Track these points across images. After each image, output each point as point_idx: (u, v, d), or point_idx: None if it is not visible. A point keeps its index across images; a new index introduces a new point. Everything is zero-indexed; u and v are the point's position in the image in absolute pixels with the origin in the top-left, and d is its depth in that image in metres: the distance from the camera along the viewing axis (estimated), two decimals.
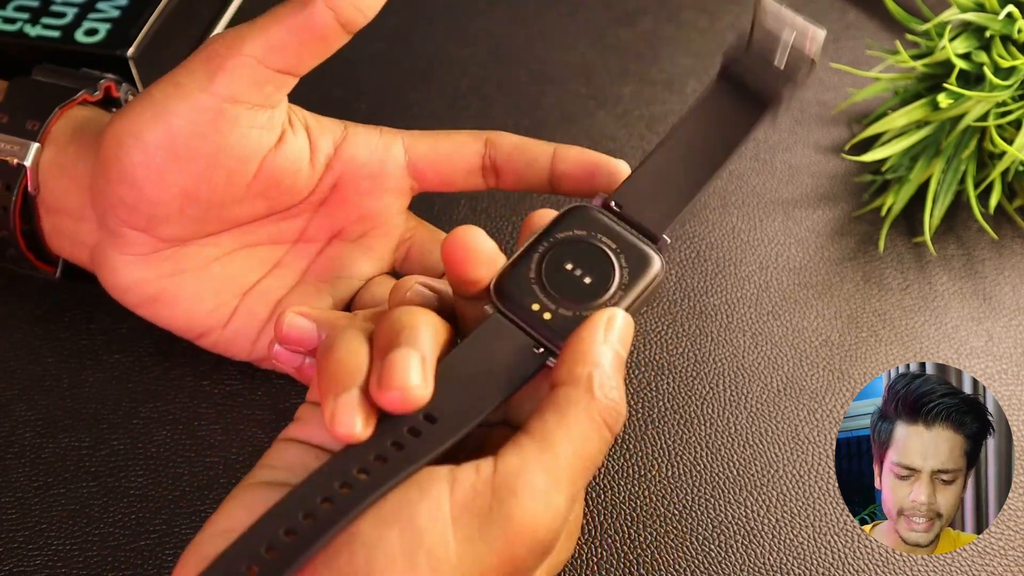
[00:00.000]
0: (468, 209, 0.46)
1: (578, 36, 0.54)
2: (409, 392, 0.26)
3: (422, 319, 0.29)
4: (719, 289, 0.43)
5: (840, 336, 0.41)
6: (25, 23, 0.47)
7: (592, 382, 0.27)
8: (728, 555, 0.35)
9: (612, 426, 0.28)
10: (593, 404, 0.27)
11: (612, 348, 0.28)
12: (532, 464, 0.26)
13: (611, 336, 0.29)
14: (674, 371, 0.40)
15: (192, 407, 0.39)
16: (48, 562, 0.34)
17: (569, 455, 0.26)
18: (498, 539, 0.25)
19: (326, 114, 0.38)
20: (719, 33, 0.55)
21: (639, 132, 0.50)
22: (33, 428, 0.38)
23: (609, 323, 0.29)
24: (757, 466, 0.37)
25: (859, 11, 0.56)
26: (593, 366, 0.28)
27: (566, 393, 0.27)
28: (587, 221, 0.32)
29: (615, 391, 0.28)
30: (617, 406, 0.28)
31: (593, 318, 0.29)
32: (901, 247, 0.45)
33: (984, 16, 0.43)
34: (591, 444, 0.27)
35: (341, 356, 0.28)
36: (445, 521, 0.25)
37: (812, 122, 0.50)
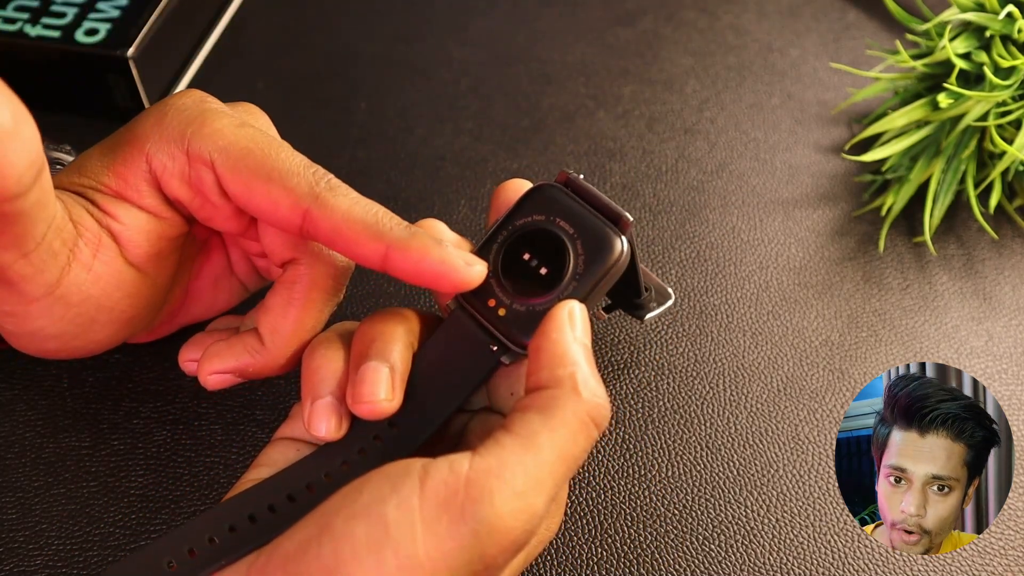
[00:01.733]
0: (467, 208, 0.46)
1: (578, 36, 0.54)
2: (377, 406, 0.29)
3: (392, 328, 0.31)
4: (719, 289, 0.43)
5: (840, 336, 0.41)
6: (25, 23, 0.47)
7: (576, 382, 0.27)
8: (728, 555, 0.35)
9: (600, 424, 0.28)
10: (581, 404, 0.27)
11: (581, 343, 0.28)
12: (513, 464, 0.26)
13: (576, 331, 0.29)
14: (674, 371, 0.40)
15: (192, 407, 0.39)
16: (48, 562, 0.34)
17: (554, 458, 0.26)
18: (468, 537, 0.24)
19: (326, 113, 0.38)
20: (719, 33, 0.55)
21: (639, 132, 0.50)
22: (33, 428, 0.38)
23: (571, 318, 0.29)
24: (757, 466, 0.37)
25: (859, 11, 0.56)
26: (573, 366, 0.28)
27: (552, 395, 0.27)
28: (548, 204, 0.31)
29: (599, 387, 0.28)
30: (603, 403, 0.28)
31: (554, 314, 0.29)
32: (901, 247, 0.45)
33: (984, 16, 0.43)
34: (578, 445, 0.27)
35: (318, 364, 0.31)
36: (414, 516, 0.25)
37: (812, 122, 0.50)
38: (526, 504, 0.25)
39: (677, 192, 0.47)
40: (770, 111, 0.51)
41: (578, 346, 0.28)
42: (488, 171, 0.47)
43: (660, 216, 0.46)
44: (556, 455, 0.26)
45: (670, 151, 0.49)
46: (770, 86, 0.52)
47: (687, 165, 0.48)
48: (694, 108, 0.51)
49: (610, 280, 0.31)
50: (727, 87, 0.52)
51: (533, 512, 0.26)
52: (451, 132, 0.49)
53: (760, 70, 0.53)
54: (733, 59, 0.53)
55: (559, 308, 0.29)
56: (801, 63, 0.53)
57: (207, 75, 0.52)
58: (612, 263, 0.30)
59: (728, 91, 0.52)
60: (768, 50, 0.54)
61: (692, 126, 0.50)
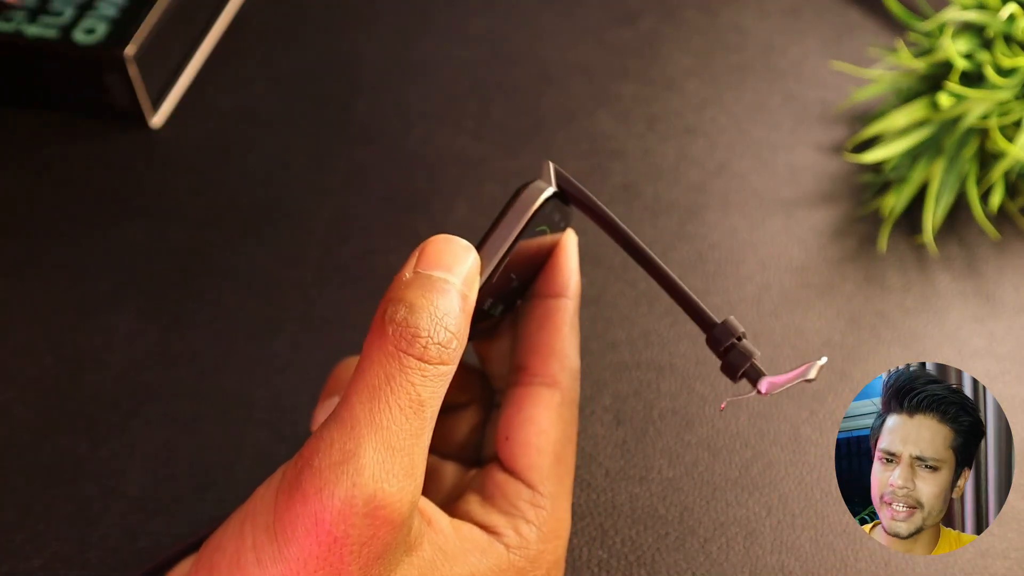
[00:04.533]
0: (467, 208, 0.46)
1: (578, 36, 0.54)
2: None
3: None
4: (720, 289, 0.43)
5: (841, 336, 0.41)
6: (23, 22, 0.47)
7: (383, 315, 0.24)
8: (729, 556, 0.35)
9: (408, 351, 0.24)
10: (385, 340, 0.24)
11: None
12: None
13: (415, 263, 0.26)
14: (674, 371, 0.40)
15: (191, 408, 0.38)
16: (48, 563, 0.34)
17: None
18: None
19: (326, 113, 0.38)
20: (720, 32, 0.55)
21: (639, 132, 0.49)
22: (32, 429, 0.38)
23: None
24: (758, 467, 0.37)
25: (859, 11, 0.56)
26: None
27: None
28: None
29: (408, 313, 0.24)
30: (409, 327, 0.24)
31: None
32: (902, 247, 0.45)
33: (985, 15, 0.43)
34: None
35: (339, 372, 0.32)
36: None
37: (813, 122, 0.50)
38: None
39: (678, 192, 0.47)
40: (771, 111, 0.51)
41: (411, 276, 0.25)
42: (488, 171, 0.47)
43: (660, 216, 0.46)
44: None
45: (670, 151, 0.49)
46: (771, 86, 0.52)
47: (687, 165, 0.48)
48: (695, 108, 0.51)
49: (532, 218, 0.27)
50: (728, 87, 0.52)
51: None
52: (451, 132, 0.49)
53: (761, 70, 0.53)
54: (734, 59, 0.53)
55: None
56: (802, 62, 0.53)
57: (206, 75, 0.51)
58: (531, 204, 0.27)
59: (729, 91, 0.52)
60: (769, 49, 0.54)
61: (693, 126, 0.50)
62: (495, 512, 0.28)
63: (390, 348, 0.24)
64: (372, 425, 0.23)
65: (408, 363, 0.24)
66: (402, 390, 0.23)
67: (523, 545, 0.27)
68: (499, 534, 0.27)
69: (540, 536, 0.27)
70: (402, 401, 0.23)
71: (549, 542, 0.28)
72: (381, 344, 0.24)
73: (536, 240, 0.28)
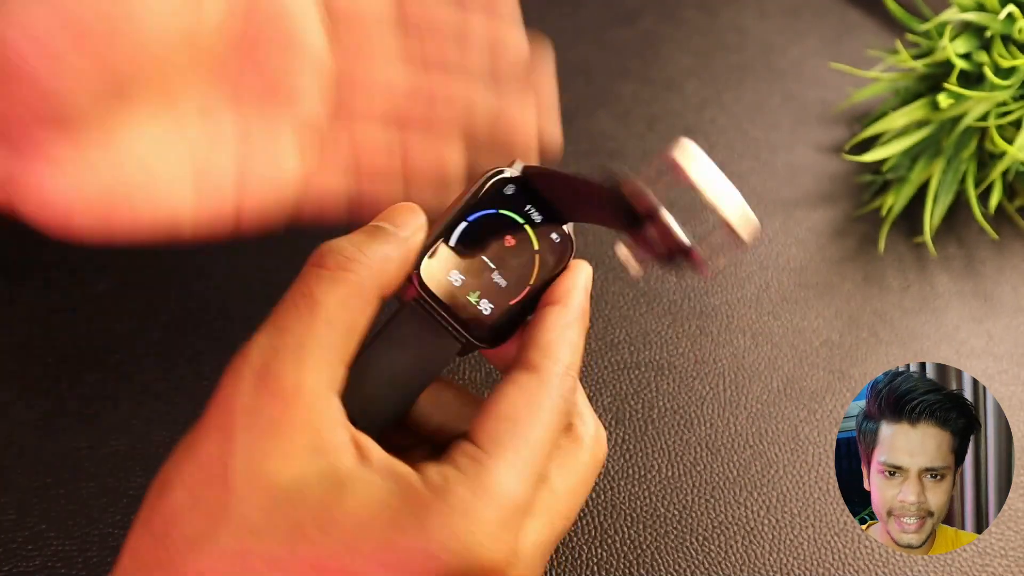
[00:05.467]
0: None
1: (578, 36, 0.54)
2: None
3: None
4: (719, 289, 0.43)
5: (840, 336, 0.41)
6: None
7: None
8: (728, 555, 0.35)
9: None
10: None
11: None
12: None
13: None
14: (674, 371, 0.40)
15: (191, 408, 0.38)
16: (48, 563, 0.34)
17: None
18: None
19: None
20: (719, 33, 0.55)
21: (639, 132, 0.49)
22: (33, 428, 0.38)
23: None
24: (757, 466, 0.37)
25: (859, 11, 0.56)
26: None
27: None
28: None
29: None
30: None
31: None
32: (901, 247, 0.45)
33: (984, 16, 0.43)
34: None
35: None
36: None
37: (812, 122, 0.50)
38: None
39: (678, 192, 0.47)
40: (770, 111, 0.51)
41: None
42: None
43: None
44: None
45: None
46: (770, 86, 0.52)
47: None
48: (694, 108, 0.51)
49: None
50: (727, 87, 0.52)
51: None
52: None
53: (760, 70, 0.53)
54: (733, 59, 0.53)
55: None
56: (801, 63, 0.53)
57: None
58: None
59: (728, 91, 0.52)
60: (769, 50, 0.54)
61: (692, 126, 0.50)
62: (434, 463, 0.26)
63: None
64: (270, 319, 0.28)
65: (305, 269, 0.28)
66: (295, 288, 0.27)
67: (441, 486, 0.25)
68: (422, 473, 0.26)
69: (468, 487, 0.25)
70: (296, 297, 0.27)
71: (480, 498, 0.25)
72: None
73: (538, 250, 0.31)
